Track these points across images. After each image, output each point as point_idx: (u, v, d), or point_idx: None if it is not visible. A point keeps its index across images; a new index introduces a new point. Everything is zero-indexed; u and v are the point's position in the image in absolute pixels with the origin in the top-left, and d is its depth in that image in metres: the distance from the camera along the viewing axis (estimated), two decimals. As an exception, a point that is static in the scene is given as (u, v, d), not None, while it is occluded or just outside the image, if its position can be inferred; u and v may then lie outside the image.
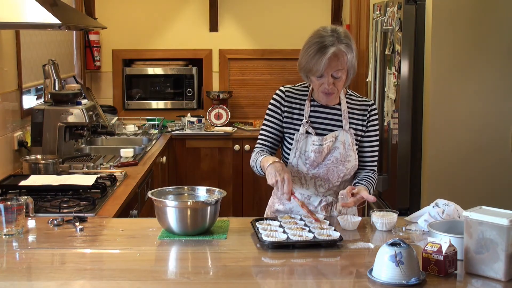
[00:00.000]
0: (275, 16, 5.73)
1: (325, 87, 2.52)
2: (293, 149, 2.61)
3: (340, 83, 2.53)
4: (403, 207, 3.39)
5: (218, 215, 2.42)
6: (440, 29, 3.19)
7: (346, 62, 2.49)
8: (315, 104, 2.64)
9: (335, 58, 2.46)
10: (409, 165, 3.42)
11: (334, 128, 2.61)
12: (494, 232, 1.90)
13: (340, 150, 2.58)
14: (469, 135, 3.26)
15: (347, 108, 2.63)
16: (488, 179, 3.27)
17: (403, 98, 3.39)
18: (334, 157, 2.58)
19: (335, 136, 2.59)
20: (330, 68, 2.47)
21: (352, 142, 2.60)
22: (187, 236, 2.33)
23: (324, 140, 2.58)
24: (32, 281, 1.99)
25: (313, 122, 2.61)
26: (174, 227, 2.33)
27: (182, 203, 2.38)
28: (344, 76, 2.53)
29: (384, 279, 1.88)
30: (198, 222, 2.35)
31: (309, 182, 2.63)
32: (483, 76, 3.23)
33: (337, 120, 2.62)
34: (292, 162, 2.62)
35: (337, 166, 2.59)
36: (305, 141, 2.59)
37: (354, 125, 2.62)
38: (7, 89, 3.59)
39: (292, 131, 2.63)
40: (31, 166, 3.45)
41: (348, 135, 2.60)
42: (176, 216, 2.32)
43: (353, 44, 2.52)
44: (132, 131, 5.00)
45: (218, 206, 2.41)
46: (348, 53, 2.48)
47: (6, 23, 2.80)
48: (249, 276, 2.01)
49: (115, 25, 5.53)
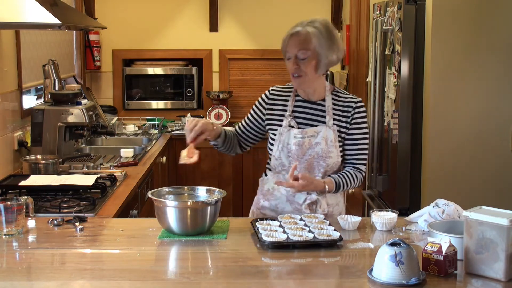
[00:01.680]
0: (275, 16, 5.73)
1: (290, 66, 2.57)
2: (276, 142, 2.65)
3: (307, 66, 2.55)
4: (403, 207, 3.39)
5: (218, 215, 2.42)
6: (440, 29, 3.19)
7: (313, 44, 2.52)
8: (299, 99, 2.68)
9: (300, 36, 2.53)
10: (409, 165, 3.42)
11: (317, 124, 2.64)
12: (494, 232, 1.90)
13: (322, 145, 2.60)
14: (469, 135, 3.26)
15: (331, 105, 2.65)
16: (488, 179, 3.27)
17: (403, 98, 3.39)
18: (316, 152, 2.61)
19: (317, 131, 2.62)
20: (293, 46, 2.54)
21: (334, 138, 2.62)
22: (187, 236, 2.33)
23: (305, 133, 2.61)
24: (32, 281, 1.99)
25: (296, 117, 2.66)
26: (174, 227, 2.33)
27: (182, 203, 2.38)
28: (312, 60, 2.54)
29: (384, 279, 1.88)
30: (198, 222, 2.35)
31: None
32: (483, 76, 3.23)
33: (321, 116, 2.65)
34: (275, 155, 2.66)
35: (318, 161, 2.61)
36: (288, 134, 2.63)
37: (338, 122, 2.64)
38: (7, 89, 3.59)
39: (275, 126, 2.67)
40: (31, 166, 3.45)
41: (331, 131, 2.62)
42: (176, 216, 2.32)
43: (327, 32, 2.55)
44: (132, 131, 5.00)
45: (218, 206, 2.41)
46: (316, 37, 2.52)
47: (6, 23, 2.80)
48: (249, 276, 2.01)
49: (115, 25, 5.53)
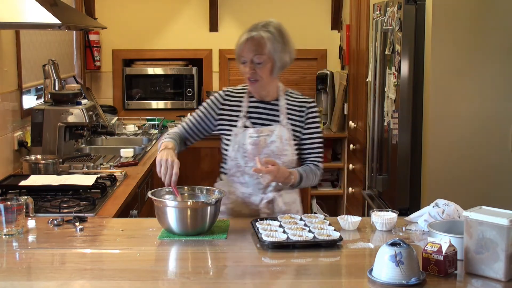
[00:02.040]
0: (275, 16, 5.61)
1: (247, 71, 2.60)
2: (232, 143, 2.67)
3: (263, 71, 2.60)
4: (403, 207, 3.38)
5: (218, 215, 2.42)
6: (440, 29, 3.19)
7: (268, 49, 2.56)
8: (253, 100, 2.72)
9: (254, 41, 2.56)
10: (409, 165, 3.42)
11: (271, 123, 2.68)
12: (494, 232, 1.90)
13: (277, 144, 2.64)
14: (469, 135, 3.26)
15: (285, 105, 2.70)
16: (488, 179, 3.27)
17: (403, 98, 3.39)
18: (271, 151, 2.64)
19: (272, 130, 2.65)
20: (248, 51, 2.57)
21: (289, 136, 2.67)
22: (187, 236, 2.33)
23: (261, 133, 2.65)
24: (32, 281, 2.00)
25: (251, 117, 2.69)
26: (174, 227, 2.33)
27: (182, 203, 2.38)
28: (268, 64, 2.60)
29: (384, 279, 1.88)
30: (198, 222, 2.35)
31: (249, 180, 2.67)
32: (483, 76, 3.23)
33: (275, 115, 2.69)
34: (231, 155, 2.68)
35: (273, 159, 2.62)
36: (243, 134, 2.66)
37: (292, 121, 2.69)
38: (7, 89, 3.59)
39: (230, 127, 2.69)
40: (31, 166, 3.45)
41: (285, 129, 2.66)
42: (176, 216, 2.32)
43: (280, 36, 2.60)
44: (132, 131, 5.00)
45: (218, 206, 2.41)
46: (271, 41, 2.57)
47: (6, 23, 2.80)
48: (249, 276, 2.01)
49: (115, 25, 5.53)
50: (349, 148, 5.11)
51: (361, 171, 4.63)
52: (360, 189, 4.61)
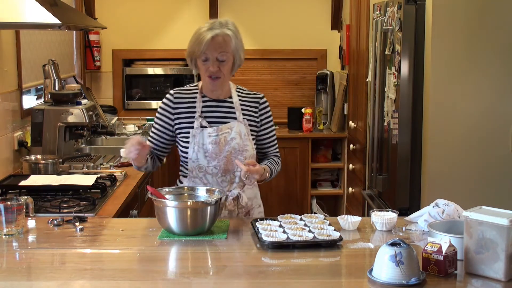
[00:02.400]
0: (275, 16, 5.73)
1: (211, 69, 2.61)
2: (191, 145, 2.67)
3: (225, 68, 2.63)
4: (403, 207, 3.38)
5: (218, 215, 2.42)
6: (440, 29, 3.19)
7: (231, 46, 2.60)
8: (207, 99, 2.72)
9: (219, 39, 2.58)
10: (409, 165, 3.42)
11: (228, 120, 2.69)
12: (494, 232, 1.90)
13: (237, 140, 2.67)
14: (469, 135, 3.26)
15: (238, 101, 2.73)
16: (488, 179, 3.27)
17: (403, 98, 3.38)
18: (232, 148, 2.66)
19: (231, 127, 2.68)
20: (214, 49, 2.58)
21: (247, 132, 2.71)
22: (187, 236, 2.33)
23: (220, 131, 2.66)
24: (32, 281, 1.99)
25: (206, 117, 2.69)
26: (174, 227, 2.33)
27: (182, 203, 2.38)
28: (230, 62, 2.63)
29: (384, 279, 1.88)
30: (198, 222, 2.35)
31: (211, 180, 2.69)
32: (483, 76, 3.22)
33: (230, 112, 2.71)
34: (192, 157, 2.68)
35: (236, 156, 2.67)
36: (201, 134, 2.66)
37: (248, 117, 2.73)
38: (7, 89, 3.60)
39: (187, 129, 2.69)
40: (31, 166, 3.45)
41: (242, 125, 2.70)
42: (176, 216, 2.32)
43: (238, 34, 2.65)
44: (132, 131, 5.00)
45: (218, 206, 2.41)
46: (233, 39, 2.61)
47: (6, 23, 2.80)
48: (249, 276, 2.01)
49: (115, 25, 5.53)
50: (349, 148, 5.11)
51: (361, 171, 4.63)
52: (360, 189, 4.61)
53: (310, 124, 5.43)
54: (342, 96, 5.31)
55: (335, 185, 5.68)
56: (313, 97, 5.76)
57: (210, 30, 2.59)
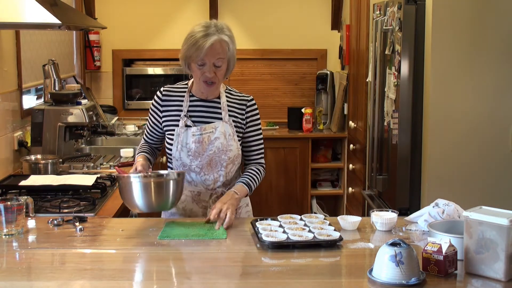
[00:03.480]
0: (275, 16, 5.73)
1: (207, 75, 2.59)
2: (175, 143, 2.69)
3: (221, 73, 2.62)
4: (403, 207, 3.38)
5: (181, 192, 2.50)
6: (440, 29, 3.19)
7: (227, 51, 2.58)
8: (194, 99, 2.72)
9: (217, 45, 2.56)
10: (409, 165, 3.42)
11: (213, 120, 2.69)
12: (494, 232, 1.90)
13: (221, 140, 2.66)
14: (469, 135, 3.26)
15: (226, 101, 2.71)
16: (488, 179, 3.27)
17: (403, 98, 3.38)
18: (216, 147, 2.66)
19: (215, 127, 2.67)
20: (212, 56, 2.56)
21: (232, 132, 2.69)
22: (151, 212, 2.42)
23: (204, 130, 2.66)
24: (32, 281, 1.99)
25: (192, 116, 2.70)
26: (139, 202, 2.39)
27: (145, 177, 2.43)
28: (225, 67, 2.62)
29: (384, 279, 1.88)
30: (162, 197, 2.42)
31: (195, 178, 2.70)
32: (483, 76, 3.22)
33: (216, 112, 2.70)
34: (175, 155, 2.70)
35: (219, 156, 2.67)
36: (185, 133, 2.67)
37: (234, 117, 2.71)
38: (7, 89, 3.60)
39: (173, 127, 2.71)
40: (31, 166, 3.45)
41: (227, 125, 2.68)
42: (140, 190, 2.38)
43: (233, 38, 2.64)
44: (132, 131, 5.00)
45: (181, 183, 2.48)
46: (230, 44, 2.60)
47: (6, 23, 2.80)
48: (249, 276, 2.01)
49: (115, 25, 5.53)
50: (349, 148, 5.11)
51: (361, 171, 4.63)
52: (360, 189, 4.61)
53: (310, 124, 5.43)
54: (342, 96, 5.31)
55: (335, 185, 5.68)
56: (313, 97, 5.76)
57: (208, 36, 2.55)
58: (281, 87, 5.81)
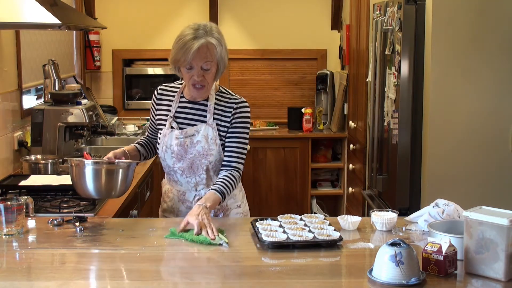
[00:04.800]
0: (275, 16, 5.73)
1: (195, 79, 2.57)
2: (161, 144, 2.71)
3: (209, 76, 2.58)
4: (403, 207, 3.38)
5: (131, 180, 2.56)
6: (440, 29, 3.19)
7: (215, 54, 2.55)
8: (183, 100, 2.71)
9: (204, 49, 2.52)
10: (409, 165, 3.42)
11: (197, 123, 2.66)
12: (494, 232, 1.90)
13: (203, 144, 2.64)
14: (469, 135, 3.26)
15: (214, 104, 2.66)
16: (488, 179, 3.27)
17: (403, 98, 3.38)
18: (197, 151, 2.64)
19: (198, 130, 2.65)
20: (199, 59, 2.53)
21: (215, 136, 2.65)
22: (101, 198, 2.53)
23: (185, 134, 2.65)
24: (32, 281, 1.99)
25: (178, 117, 2.69)
26: (91, 188, 2.46)
27: (98, 164, 2.50)
28: (214, 69, 2.58)
29: (384, 279, 1.88)
30: (112, 183, 2.49)
31: (180, 178, 2.70)
32: (483, 76, 3.22)
33: (202, 115, 2.67)
34: (160, 156, 2.72)
35: (200, 160, 2.65)
36: (170, 135, 2.68)
37: (219, 121, 2.66)
38: (7, 89, 3.59)
39: (162, 126, 2.73)
40: (31, 166, 3.45)
41: (210, 128, 2.65)
42: (91, 176, 2.45)
43: (222, 39, 2.60)
44: (132, 131, 5.00)
45: (131, 171, 2.54)
46: (218, 47, 2.55)
47: (6, 23, 2.80)
48: (249, 276, 2.01)
49: (115, 25, 5.53)
50: (349, 148, 5.11)
51: (361, 171, 4.63)
52: (360, 189, 4.61)
53: (310, 124, 5.43)
54: (342, 96, 5.31)
55: (335, 185, 5.68)
56: (313, 97, 5.76)
57: (195, 39, 2.51)
58: (281, 87, 5.81)
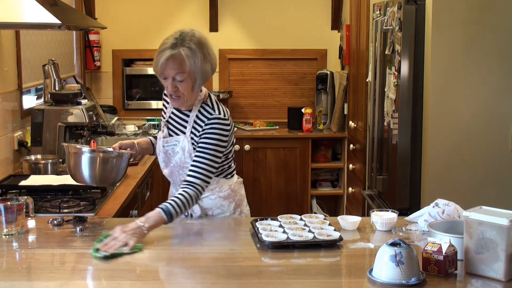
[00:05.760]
0: (275, 16, 5.73)
1: (169, 89, 2.53)
2: (156, 146, 2.75)
3: (184, 87, 2.49)
4: (403, 207, 3.38)
5: (123, 171, 2.57)
6: (440, 29, 3.19)
7: (187, 66, 2.45)
8: (175, 107, 2.69)
9: (174, 60, 2.44)
10: (409, 165, 3.42)
11: (180, 133, 2.63)
12: (494, 232, 1.90)
13: (180, 155, 2.61)
14: (469, 135, 3.26)
15: (195, 116, 2.58)
16: (488, 179, 3.27)
17: (403, 98, 3.38)
18: (175, 162, 2.63)
19: (178, 141, 2.62)
20: (170, 70, 2.47)
21: (190, 149, 2.58)
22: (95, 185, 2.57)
23: (166, 143, 2.65)
24: (32, 281, 2.00)
25: (169, 123, 2.69)
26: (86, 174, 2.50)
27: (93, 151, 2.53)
28: (189, 81, 2.48)
29: (384, 279, 1.88)
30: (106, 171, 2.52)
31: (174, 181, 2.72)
32: (483, 76, 3.23)
33: (183, 126, 2.63)
34: (158, 158, 2.74)
35: (178, 171, 2.64)
36: (161, 140, 2.69)
37: (193, 135, 2.58)
38: (7, 89, 3.59)
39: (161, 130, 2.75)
40: (31, 166, 3.45)
41: (187, 141, 2.59)
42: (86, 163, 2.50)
43: (202, 50, 2.47)
44: (132, 131, 5.00)
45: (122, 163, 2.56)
46: (191, 58, 2.44)
47: (6, 23, 2.80)
48: (249, 276, 2.01)
49: (115, 25, 5.53)
50: (349, 148, 5.11)
51: (361, 171, 4.63)
52: (360, 189, 4.61)
53: (310, 124, 5.43)
54: (342, 96, 5.31)
55: (335, 185, 5.68)
56: (313, 97, 5.76)
57: (170, 48, 2.44)
58: (281, 87, 5.80)
